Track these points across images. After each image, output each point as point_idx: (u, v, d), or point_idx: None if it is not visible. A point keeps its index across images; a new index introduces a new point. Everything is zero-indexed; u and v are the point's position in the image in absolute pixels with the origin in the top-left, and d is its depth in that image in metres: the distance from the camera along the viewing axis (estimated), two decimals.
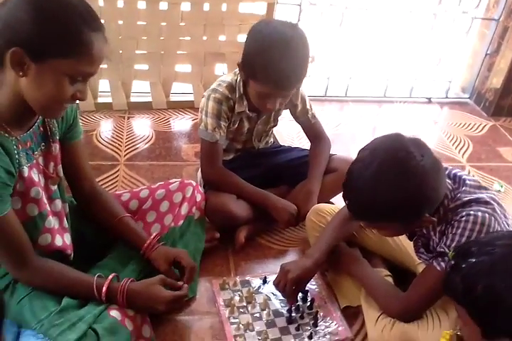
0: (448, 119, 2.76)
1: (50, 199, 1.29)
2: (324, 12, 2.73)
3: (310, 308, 1.50)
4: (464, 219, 1.23)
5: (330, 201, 1.84)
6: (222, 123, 1.68)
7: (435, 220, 1.27)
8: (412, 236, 1.41)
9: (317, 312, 1.47)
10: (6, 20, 1.03)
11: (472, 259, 0.95)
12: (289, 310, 1.47)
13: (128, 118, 2.47)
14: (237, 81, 1.68)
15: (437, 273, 1.26)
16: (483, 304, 0.93)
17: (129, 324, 1.25)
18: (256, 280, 1.59)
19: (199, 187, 1.66)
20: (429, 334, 1.30)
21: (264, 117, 1.80)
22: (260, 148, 1.92)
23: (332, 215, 1.61)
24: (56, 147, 1.29)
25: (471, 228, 1.22)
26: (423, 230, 1.35)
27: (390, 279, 1.51)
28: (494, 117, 2.77)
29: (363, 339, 1.43)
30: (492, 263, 0.93)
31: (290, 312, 1.46)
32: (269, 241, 1.79)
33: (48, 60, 1.04)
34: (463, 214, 1.24)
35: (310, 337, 1.41)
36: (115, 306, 1.27)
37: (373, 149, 1.24)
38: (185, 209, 1.57)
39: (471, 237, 1.22)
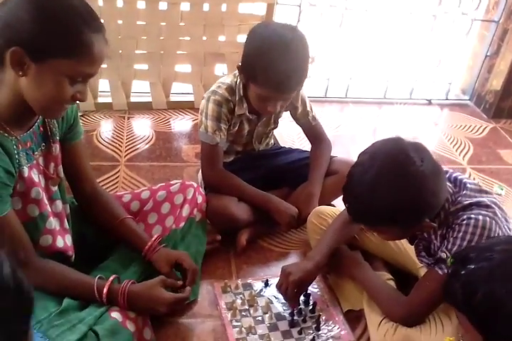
0: (448, 121, 2.76)
1: (51, 200, 1.29)
2: (324, 13, 2.72)
3: (312, 312, 1.49)
4: (465, 222, 1.23)
5: (331, 203, 1.83)
6: (222, 125, 1.67)
7: (435, 225, 1.27)
8: (413, 239, 1.41)
9: (319, 315, 1.47)
10: (7, 19, 1.02)
11: (471, 266, 0.95)
12: (291, 314, 1.46)
13: (128, 118, 2.46)
14: (236, 83, 1.67)
15: (439, 277, 1.25)
16: (483, 310, 0.92)
17: (131, 325, 1.25)
18: (258, 283, 1.58)
19: (200, 188, 1.65)
20: (431, 339, 1.30)
21: (264, 119, 1.79)
22: (260, 150, 1.91)
23: (333, 217, 1.60)
24: (56, 147, 1.29)
25: (472, 231, 1.22)
26: (424, 234, 1.35)
27: (392, 283, 1.51)
28: (494, 119, 2.77)
29: None
30: (491, 269, 0.93)
31: (292, 315, 1.46)
32: (270, 243, 1.78)
33: (48, 60, 1.04)
34: (464, 217, 1.24)
35: None
36: (116, 308, 1.26)
37: (373, 153, 1.24)
38: (186, 211, 1.56)
39: (472, 241, 1.22)
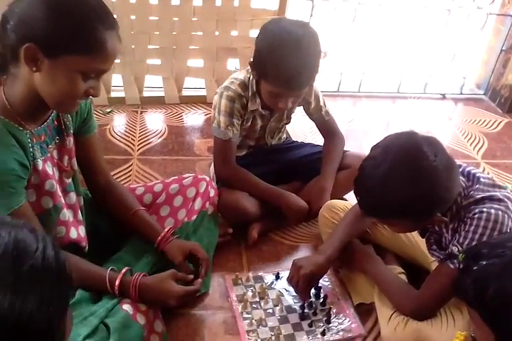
0: (462, 116, 2.73)
1: (65, 192, 1.30)
2: (337, 7, 2.71)
3: (323, 305, 1.49)
4: (477, 216, 1.22)
5: (343, 197, 1.83)
6: (235, 121, 1.68)
7: (446, 220, 1.26)
8: (424, 232, 1.40)
9: (330, 308, 1.47)
10: (21, 16, 1.04)
11: (483, 262, 0.94)
12: (302, 307, 1.47)
13: (141, 112, 2.48)
14: (249, 79, 1.67)
15: (450, 271, 1.25)
16: (494, 307, 0.91)
17: (141, 318, 1.26)
18: (269, 275, 1.59)
19: (212, 182, 1.66)
20: (442, 333, 1.29)
21: (277, 115, 1.79)
22: (273, 145, 1.91)
23: (345, 212, 1.60)
24: (70, 140, 1.30)
25: (484, 225, 1.21)
26: (435, 227, 1.34)
27: (404, 276, 1.50)
28: (509, 114, 2.73)
29: (376, 336, 1.42)
30: (503, 265, 0.92)
31: (303, 308, 1.46)
32: (282, 237, 1.79)
33: (61, 57, 1.05)
34: (475, 211, 1.23)
35: (323, 334, 1.41)
36: (128, 300, 1.28)
37: (386, 147, 1.23)
38: (198, 204, 1.57)
39: (484, 234, 1.21)
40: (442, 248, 1.36)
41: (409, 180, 1.16)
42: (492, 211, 1.22)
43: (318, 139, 2.17)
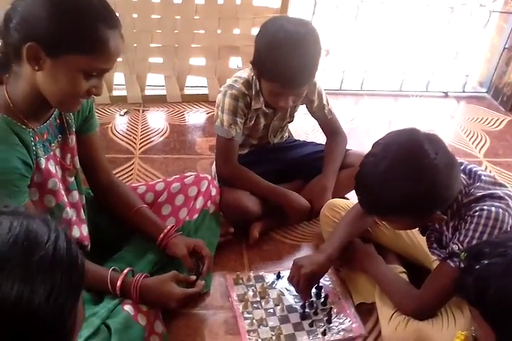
0: (465, 114, 2.72)
1: (68, 190, 1.31)
2: (339, 5, 2.70)
3: (324, 304, 1.49)
4: (478, 214, 1.22)
5: (345, 196, 1.82)
6: (238, 119, 1.67)
7: (446, 218, 1.26)
8: (425, 231, 1.40)
9: (331, 308, 1.47)
10: (24, 14, 1.04)
11: (485, 261, 0.94)
12: (303, 306, 1.47)
13: (143, 111, 2.48)
14: (253, 77, 1.67)
15: (451, 270, 1.25)
16: (495, 306, 0.91)
17: (142, 319, 1.26)
18: (270, 275, 1.59)
19: (214, 181, 1.66)
20: (443, 332, 1.29)
21: (280, 113, 1.79)
22: (275, 143, 1.91)
23: (346, 210, 1.60)
24: (73, 139, 1.30)
25: (485, 223, 1.21)
26: (436, 225, 1.34)
27: (405, 276, 1.50)
28: None
29: (377, 336, 1.42)
30: (505, 264, 0.92)
31: (304, 308, 1.46)
32: (283, 236, 1.79)
33: (64, 56, 1.05)
34: (476, 209, 1.23)
35: (324, 334, 1.41)
36: (129, 301, 1.28)
37: (387, 144, 1.23)
38: (200, 203, 1.57)
39: (485, 232, 1.21)
40: (443, 246, 1.35)
41: (409, 178, 1.16)
42: (492, 209, 1.21)
43: (320, 138, 2.16)
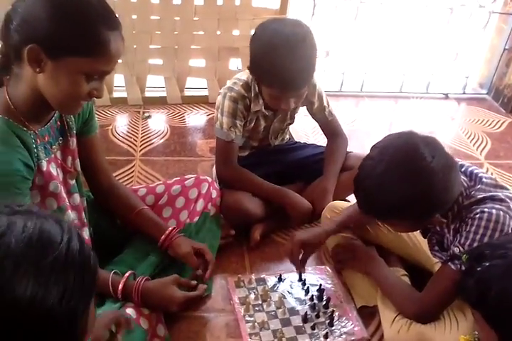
0: (465, 115, 2.72)
1: (69, 193, 1.30)
2: (339, 6, 2.69)
3: (326, 307, 1.49)
4: (478, 216, 1.22)
5: (345, 198, 1.82)
6: (238, 122, 1.67)
7: (445, 221, 1.26)
8: (426, 233, 1.40)
9: (333, 311, 1.46)
10: (25, 16, 1.03)
11: (485, 263, 0.94)
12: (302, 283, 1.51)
13: (143, 113, 2.47)
14: (252, 80, 1.67)
15: (452, 273, 1.24)
16: (497, 308, 0.91)
17: (144, 322, 1.26)
18: (271, 278, 1.58)
19: (214, 183, 1.65)
20: (446, 336, 1.29)
21: (280, 115, 1.78)
22: (275, 145, 1.90)
23: None
24: (73, 141, 1.30)
25: (485, 225, 1.21)
26: (436, 227, 1.34)
27: (407, 279, 1.50)
28: None
29: (379, 339, 1.42)
30: (505, 266, 0.92)
31: (306, 315, 1.45)
32: (284, 238, 1.77)
33: (65, 58, 1.04)
34: (477, 211, 1.23)
35: (326, 337, 1.40)
36: (131, 304, 1.28)
37: (384, 147, 1.23)
38: (200, 205, 1.57)
39: (485, 235, 1.21)
40: (444, 249, 1.35)
41: (405, 181, 1.16)
42: (493, 211, 1.21)
43: (320, 140, 2.16)
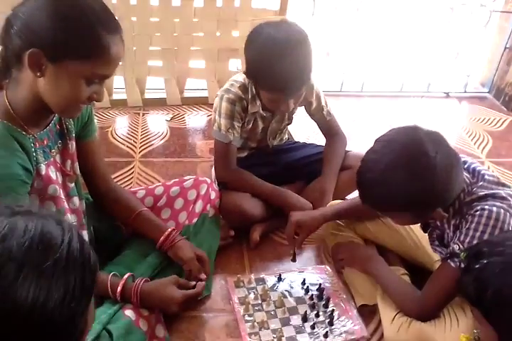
0: (467, 114, 2.71)
1: (68, 196, 1.30)
2: (339, 6, 2.70)
3: (326, 306, 1.48)
4: (478, 213, 1.21)
5: (345, 198, 1.81)
6: (235, 123, 1.67)
7: (446, 216, 1.26)
8: (427, 227, 1.39)
9: (333, 310, 1.46)
10: (25, 21, 1.03)
11: (484, 260, 0.94)
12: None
13: (143, 114, 2.48)
14: (249, 81, 1.66)
15: (452, 270, 1.24)
16: (495, 305, 0.91)
17: (144, 324, 1.25)
18: (271, 277, 1.58)
19: (213, 184, 1.65)
20: (446, 334, 1.28)
21: (278, 116, 1.78)
22: (274, 145, 1.90)
23: None
24: (73, 145, 1.30)
25: (485, 223, 1.20)
26: (437, 222, 1.33)
27: (407, 278, 1.49)
28: None
29: (380, 338, 1.41)
30: (503, 264, 0.92)
31: (305, 314, 1.44)
32: (284, 238, 1.76)
33: (65, 62, 1.04)
34: (477, 208, 1.22)
35: (325, 336, 1.39)
36: (130, 305, 1.28)
37: (388, 141, 1.24)
38: (199, 206, 1.56)
39: (485, 232, 1.20)
40: (444, 245, 1.35)
41: (407, 176, 1.16)
42: (494, 209, 1.21)
43: (320, 139, 2.15)
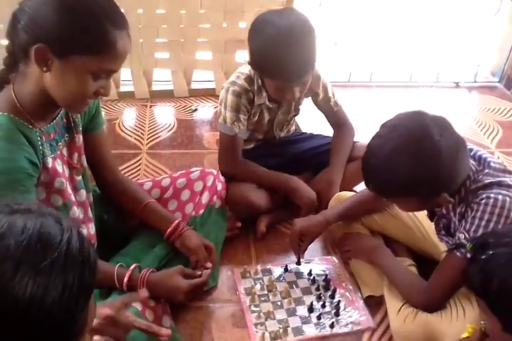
0: (476, 104, 2.68)
1: (75, 189, 1.31)
2: None
3: (332, 297, 1.49)
4: (484, 202, 1.20)
5: (353, 189, 1.81)
6: (241, 116, 1.67)
7: (452, 201, 1.24)
8: (433, 216, 1.39)
9: (339, 301, 1.46)
10: (31, 15, 1.03)
11: (490, 251, 0.93)
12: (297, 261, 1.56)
13: (150, 106, 2.48)
14: (255, 73, 1.66)
15: (458, 260, 1.23)
16: (500, 296, 0.91)
17: (150, 314, 1.26)
18: (277, 268, 1.58)
19: (220, 176, 1.65)
20: (452, 325, 1.27)
21: (284, 107, 1.77)
22: (281, 137, 1.90)
23: None
24: (80, 138, 1.31)
25: (491, 211, 1.19)
26: (443, 210, 1.32)
27: (414, 269, 1.49)
28: None
29: (386, 329, 1.41)
30: (509, 255, 0.91)
31: (311, 304, 1.45)
32: (290, 229, 1.76)
33: (72, 57, 1.04)
34: (483, 196, 1.21)
35: (331, 326, 1.40)
36: None
37: (393, 126, 1.23)
38: (206, 198, 1.57)
39: (491, 221, 1.19)
40: (451, 234, 1.34)
41: (411, 160, 1.16)
42: (499, 197, 1.19)
43: (328, 130, 2.14)
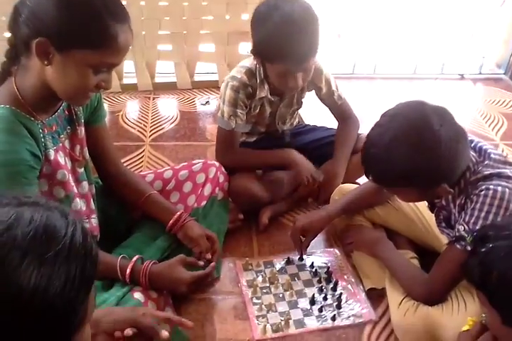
0: (481, 96, 2.66)
1: (78, 181, 1.31)
2: None
3: (334, 290, 1.49)
4: (483, 193, 1.20)
5: (356, 182, 1.80)
6: (238, 111, 1.66)
7: (452, 191, 1.24)
8: (433, 207, 1.38)
9: (341, 293, 1.46)
10: (33, 9, 1.03)
11: (490, 244, 0.93)
12: (300, 257, 1.57)
13: (153, 98, 2.48)
14: (256, 66, 1.65)
15: (458, 253, 1.22)
16: (499, 289, 0.91)
17: (152, 306, 1.27)
18: (279, 260, 1.59)
19: (222, 168, 1.65)
20: (453, 318, 1.27)
21: (286, 100, 1.76)
22: (284, 130, 1.89)
23: None
24: (82, 130, 1.31)
25: (490, 203, 1.19)
26: (442, 202, 1.32)
27: (416, 262, 1.48)
28: None
29: (388, 322, 1.41)
30: (509, 247, 0.91)
31: (313, 297, 1.45)
32: (292, 221, 1.75)
33: (73, 51, 1.04)
34: (482, 188, 1.21)
35: (333, 319, 1.40)
36: (139, 288, 1.29)
37: (393, 115, 1.23)
38: (208, 189, 1.57)
39: (490, 212, 1.19)
40: (452, 226, 1.33)
41: (411, 149, 1.16)
42: (499, 188, 1.19)
43: (331, 123, 2.13)
